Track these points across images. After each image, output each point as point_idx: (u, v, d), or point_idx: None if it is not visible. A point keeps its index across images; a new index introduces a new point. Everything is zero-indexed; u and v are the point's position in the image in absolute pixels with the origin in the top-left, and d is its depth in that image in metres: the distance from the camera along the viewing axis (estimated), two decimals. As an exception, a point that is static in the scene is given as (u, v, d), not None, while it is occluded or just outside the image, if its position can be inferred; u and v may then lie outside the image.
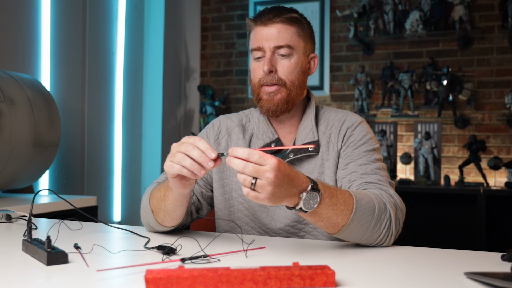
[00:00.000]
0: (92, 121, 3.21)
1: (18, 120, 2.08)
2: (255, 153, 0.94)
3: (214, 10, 4.33)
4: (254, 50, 1.35)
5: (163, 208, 1.19)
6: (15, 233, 1.31)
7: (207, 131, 1.47)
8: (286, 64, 1.33)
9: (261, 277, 0.80)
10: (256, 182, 0.94)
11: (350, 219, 1.07)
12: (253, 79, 1.37)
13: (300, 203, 1.01)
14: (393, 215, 1.16)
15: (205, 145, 1.00)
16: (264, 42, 1.32)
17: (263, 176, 0.94)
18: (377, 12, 3.78)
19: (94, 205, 2.27)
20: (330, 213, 1.05)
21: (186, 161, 1.00)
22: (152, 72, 3.82)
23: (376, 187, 1.23)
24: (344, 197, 1.08)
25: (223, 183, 1.41)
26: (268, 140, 1.38)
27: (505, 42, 3.54)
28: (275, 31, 1.32)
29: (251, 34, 1.37)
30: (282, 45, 1.32)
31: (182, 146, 1.02)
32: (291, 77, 1.33)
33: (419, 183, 3.47)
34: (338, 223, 1.07)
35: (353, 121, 1.37)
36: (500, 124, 3.55)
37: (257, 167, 0.94)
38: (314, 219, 1.06)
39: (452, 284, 0.85)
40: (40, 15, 2.78)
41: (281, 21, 1.32)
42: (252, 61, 1.37)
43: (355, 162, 1.30)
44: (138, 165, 3.75)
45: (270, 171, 0.93)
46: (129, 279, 0.86)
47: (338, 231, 1.09)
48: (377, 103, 3.83)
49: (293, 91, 1.34)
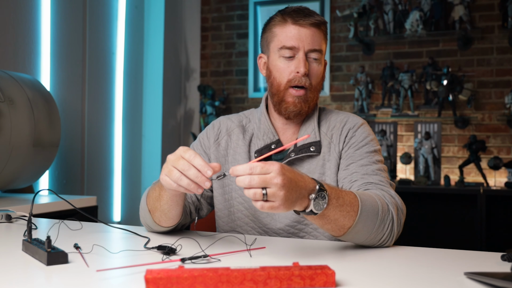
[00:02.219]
0: (92, 121, 3.21)
1: (18, 120, 2.08)
2: (256, 165, 0.94)
3: (214, 10, 4.33)
4: (284, 48, 1.32)
5: (159, 207, 1.19)
6: (15, 233, 1.31)
7: (207, 132, 1.47)
8: (316, 68, 1.33)
9: (261, 277, 0.80)
10: (267, 192, 0.93)
11: (356, 221, 1.07)
12: (279, 78, 1.34)
13: (310, 205, 1.00)
14: (395, 216, 1.16)
15: (200, 163, 0.99)
16: (299, 42, 1.30)
17: (271, 184, 0.93)
18: (377, 12, 3.78)
19: (94, 205, 2.27)
20: (338, 215, 1.05)
21: (183, 181, 1.00)
22: (152, 72, 3.82)
23: (377, 187, 1.23)
24: (349, 198, 1.07)
25: (222, 183, 1.41)
26: (268, 141, 1.38)
27: (505, 42, 3.54)
28: (310, 33, 1.31)
29: (279, 31, 1.33)
30: (316, 49, 1.32)
31: (178, 163, 1.00)
32: (316, 82, 1.34)
33: (419, 183, 3.47)
34: (345, 225, 1.07)
35: (355, 123, 1.37)
36: (500, 124, 3.55)
37: (263, 177, 0.93)
38: (322, 222, 1.05)
39: (452, 284, 0.85)
40: (40, 15, 2.78)
41: (315, 25, 1.32)
42: (278, 59, 1.34)
43: (357, 163, 1.30)
44: (138, 165, 3.75)
45: (277, 177, 0.93)
46: (129, 279, 0.86)
47: (344, 233, 1.08)
48: (377, 103, 3.83)
49: (315, 96, 1.35)
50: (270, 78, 1.37)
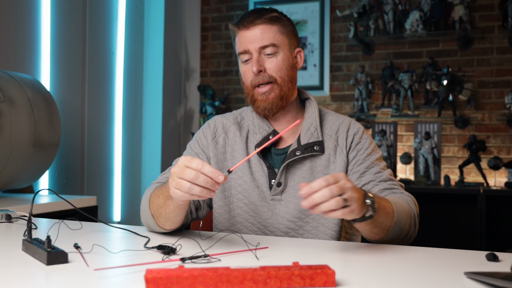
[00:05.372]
0: (92, 121, 3.21)
1: (18, 120, 2.08)
2: (327, 177, 0.98)
3: (214, 10, 4.33)
4: (241, 53, 1.38)
5: (163, 215, 1.20)
6: (15, 233, 1.31)
7: (203, 131, 1.48)
8: (273, 62, 1.36)
9: (261, 276, 0.79)
10: (346, 197, 0.98)
11: (395, 220, 1.14)
12: (245, 81, 1.39)
13: (369, 210, 1.05)
14: (415, 212, 1.25)
15: (211, 170, 0.98)
16: (249, 44, 1.35)
17: (347, 189, 0.98)
18: (377, 12, 3.78)
19: (94, 205, 2.27)
20: (382, 217, 1.11)
21: (195, 189, 0.99)
22: (152, 72, 3.82)
23: (394, 192, 1.31)
24: (383, 200, 1.14)
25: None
26: (265, 133, 1.40)
27: (505, 42, 3.54)
28: (258, 32, 1.35)
29: (236, 39, 1.40)
30: (267, 45, 1.35)
31: (185, 173, 0.99)
32: (281, 74, 1.36)
33: (419, 183, 3.47)
34: (387, 226, 1.14)
35: (358, 128, 1.42)
36: (500, 124, 3.55)
37: (338, 185, 0.98)
38: (372, 226, 1.11)
39: (452, 284, 0.85)
40: (40, 15, 2.78)
41: (262, 22, 1.36)
42: (241, 64, 1.40)
43: (370, 171, 1.36)
44: (138, 165, 3.75)
45: (348, 181, 0.99)
46: (129, 279, 0.86)
47: (385, 235, 1.15)
48: (377, 103, 3.83)
49: (284, 86, 1.37)
50: (242, 83, 1.43)
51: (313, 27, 3.97)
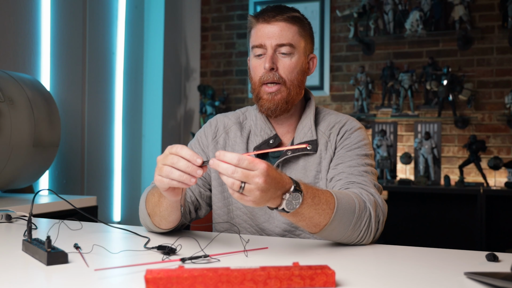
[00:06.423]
0: (92, 121, 3.21)
1: (18, 120, 2.08)
2: (244, 158, 0.94)
3: (214, 10, 4.33)
4: (255, 47, 1.34)
5: (158, 213, 1.20)
6: (15, 233, 1.31)
7: (204, 130, 1.48)
8: (287, 63, 1.33)
9: (261, 277, 0.79)
10: (245, 186, 0.94)
11: (332, 218, 1.09)
12: (254, 76, 1.36)
13: (283, 204, 1.01)
14: (373, 213, 1.18)
15: (188, 153, 0.98)
16: (266, 39, 1.32)
17: (252, 181, 0.94)
18: (377, 12, 3.78)
19: (94, 205, 2.27)
20: (312, 213, 1.07)
21: (174, 173, 0.99)
22: (152, 72, 3.82)
23: (357, 186, 1.24)
24: (325, 196, 1.09)
25: (222, 181, 1.40)
26: (266, 136, 1.39)
27: (505, 42, 3.54)
28: (278, 29, 1.32)
29: (252, 31, 1.36)
30: (284, 44, 1.32)
31: (167, 158, 1.00)
32: (291, 76, 1.33)
33: (419, 183, 3.47)
34: (320, 223, 1.09)
35: (352, 126, 1.39)
36: (500, 124, 3.55)
37: (246, 172, 0.94)
38: (296, 219, 1.07)
39: (452, 284, 0.85)
40: (40, 15, 2.78)
41: (283, 20, 1.33)
42: (252, 58, 1.37)
43: (345, 163, 1.31)
44: (138, 165, 3.75)
45: (260, 176, 0.94)
46: (129, 279, 0.86)
47: (319, 230, 1.11)
48: (377, 103, 3.83)
49: (292, 90, 1.34)
50: (250, 78, 1.40)
51: (313, 27, 3.91)
